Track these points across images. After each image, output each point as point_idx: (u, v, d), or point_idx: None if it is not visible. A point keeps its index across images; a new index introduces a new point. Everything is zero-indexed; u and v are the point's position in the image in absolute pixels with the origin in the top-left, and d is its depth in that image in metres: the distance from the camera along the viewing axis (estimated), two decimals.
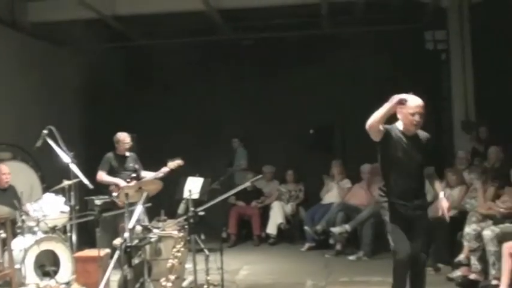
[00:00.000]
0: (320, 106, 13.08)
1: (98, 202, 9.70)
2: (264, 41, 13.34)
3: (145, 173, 9.19)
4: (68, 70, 13.30)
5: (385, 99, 5.64)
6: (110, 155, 9.23)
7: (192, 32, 12.89)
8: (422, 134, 6.04)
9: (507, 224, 7.20)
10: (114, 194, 8.03)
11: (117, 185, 8.78)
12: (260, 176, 8.96)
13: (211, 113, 13.28)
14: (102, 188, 9.08)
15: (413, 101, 5.84)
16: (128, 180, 8.01)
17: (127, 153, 9.33)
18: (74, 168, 8.12)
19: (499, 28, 11.36)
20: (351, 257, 9.88)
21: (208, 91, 13.30)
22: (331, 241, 10.48)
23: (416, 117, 5.84)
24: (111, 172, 9.08)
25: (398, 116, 5.95)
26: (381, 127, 5.82)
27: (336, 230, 10.15)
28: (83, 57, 13.65)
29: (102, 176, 9.04)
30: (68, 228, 8.37)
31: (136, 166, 9.10)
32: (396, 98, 5.58)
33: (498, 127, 10.60)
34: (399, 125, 6.01)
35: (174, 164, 9.05)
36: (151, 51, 13.36)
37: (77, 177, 8.17)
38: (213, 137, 13.17)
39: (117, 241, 6.85)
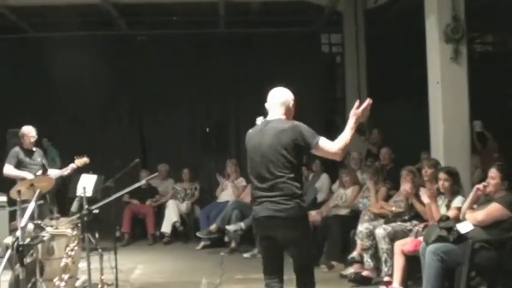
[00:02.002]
0: (215, 105, 13.14)
1: None
2: (159, 37, 13.23)
3: (52, 169, 8.99)
4: None
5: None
6: (16, 149, 8.94)
7: (87, 25, 12.66)
8: None
9: (398, 223, 7.40)
10: None
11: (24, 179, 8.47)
12: (155, 174, 8.86)
13: (106, 110, 13.09)
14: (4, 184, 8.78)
15: None
16: (38, 174, 7.80)
17: (33, 148, 9.05)
18: None
19: (393, 32, 11.71)
20: (246, 255, 9.93)
21: (102, 86, 13.05)
22: (226, 239, 10.52)
23: None
24: (19, 166, 8.79)
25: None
26: None
27: (231, 228, 10.17)
28: None
29: (10, 169, 8.72)
30: None
31: (44, 161, 8.88)
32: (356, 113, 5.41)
33: (389, 129, 10.92)
34: None
35: (81, 161, 8.93)
36: (44, 43, 13.04)
37: None
38: (108, 134, 12.98)
39: (8, 239, 6.64)
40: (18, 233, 5.70)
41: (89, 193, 8.33)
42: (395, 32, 11.58)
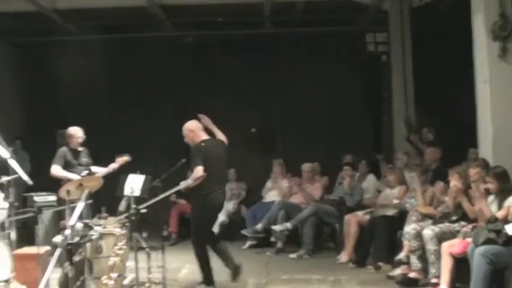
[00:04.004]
0: (262, 105, 13.12)
1: (37, 199, 9.59)
2: (205, 38, 13.27)
3: (96, 168, 9.09)
4: (7, 63, 13.08)
5: (325, 99, 5.69)
6: (63, 149, 9.06)
7: (134, 28, 12.78)
8: None
9: (446, 224, 7.32)
10: None
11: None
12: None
13: (154, 111, 13.18)
14: (44, 184, 8.91)
15: None
16: (83, 174, 7.89)
17: (80, 148, 9.18)
18: (13, 163, 7.95)
19: (440, 31, 11.57)
20: (292, 255, 9.94)
21: (150, 87, 13.17)
22: (272, 239, 10.52)
23: None
24: (66, 167, 8.90)
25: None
26: None
27: (277, 228, 10.18)
28: (23, 50, 13.46)
29: (58, 170, 8.84)
30: (7, 225, 8.20)
31: (89, 160, 9.00)
32: None
33: (439, 128, 10.79)
34: None
35: (122, 159, 9.02)
36: (92, 45, 13.21)
37: (15, 173, 8.00)
38: (155, 134, 13.06)
39: (58, 238, 6.74)
40: (68, 231, 5.80)
41: (137, 193, 8.41)
42: (441, 30, 11.42)
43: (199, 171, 7.54)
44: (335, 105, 12.82)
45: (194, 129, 8.00)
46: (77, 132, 9.15)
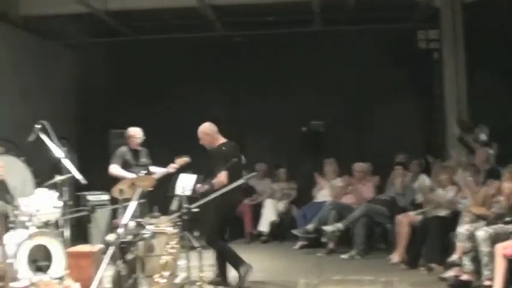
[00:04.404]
0: (313, 104, 13.06)
1: (90, 198, 9.72)
2: (254, 37, 13.28)
3: (154, 168, 9.17)
4: (60, 64, 13.28)
5: (375, 98, 5.64)
6: (123, 148, 9.17)
7: (184, 28, 12.86)
8: None
9: (500, 225, 7.19)
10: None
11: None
12: (254, 173, 8.94)
13: (203, 110, 13.22)
14: (97, 184, 9.02)
15: None
16: (140, 174, 7.99)
17: (139, 148, 9.28)
18: (67, 163, 8.08)
19: (492, 27, 11.38)
20: (344, 256, 9.89)
21: (199, 88, 13.24)
22: (323, 239, 10.48)
23: None
24: (125, 167, 9.00)
25: None
26: None
27: (328, 228, 10.15)
28: (75, 51, 13.66)
29: (116, 169, 8.95)
30: (61, 223, 8.34)
31: (148, 161, 9.09)
32: None
33: (491, 126, 10.62)
34: None
35: (181, 160, 9.11)
36: (143, 46, 13.33)
37: (69, 172, 8.13)
38: None
39: (111, 237, 6.83)
40: (121, 230, 5.88)
41: (188, 192, 8.46)
42: (494, 26, 11.22)
43: (223, 176, 7.66)
44: (386, 103, 12.70)
45: (211, 132, 8.10)
46: (136, 133, 9.24)
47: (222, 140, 8.09)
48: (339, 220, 10.17)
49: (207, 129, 8.11)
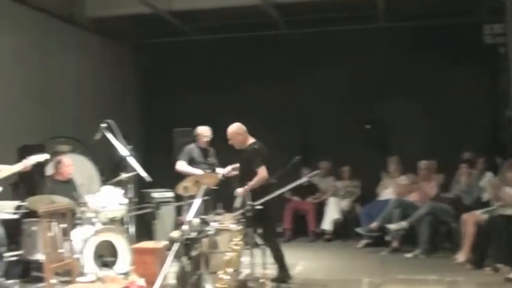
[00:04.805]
0: (376, 101, 12.94)
1: (155, 195, 9.83)
2: (315, 35, 13.20)
3: (220, 169, 9.23)
4: (125, 64, 13.49)
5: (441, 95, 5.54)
6: (191, 146, 9.25)
7: (246, 27, 12.89)
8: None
9: None
10: None
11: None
12: (317, 171, 8.91)
13: (268, 109, 13.25)
14: (162, 181, 9.12)
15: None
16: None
17: (208, 147, 9.35)
18: (132, 161, 8.20)
19: None
20: (408, 255, 9.76)
21: (262, 86, 13.26)
22: (387, 238, 10.38)
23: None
24: (191, 164, 9.06)
25: None
26: None
27: (392, 227, 10.05)
28: (140, 51, 13.85)
29: (183, 165, 9.02)
30: (126, 220, 8.48)
31: (215, 161, 9.15)
32: None
33: None
34: None
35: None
36: (206, 45, 13.43)
37: (134, 170, 8.25)
38: (269, 131, 13.12)
39: (175, 233, 6.90)
40: (185, 227, 5.93)
41: None
42: None
43: (264, 171, 7.72)
44: (451, 100, 12.50)
45: (242, 132, 8.13)
46: (204, 131, 9.30)
47: (252, 139, 8.13)
48: (403, 218, 10.04)
49: (239, 130, 8.14)
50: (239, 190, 7.74)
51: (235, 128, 8.11)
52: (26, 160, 7.68)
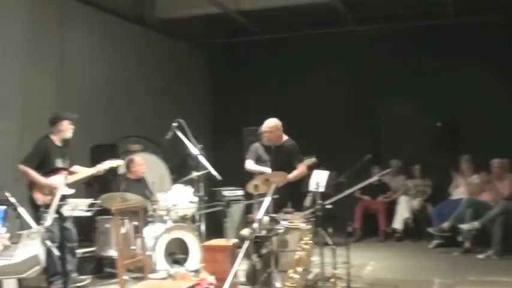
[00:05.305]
0: (447, 99, 12.72)
1: (225, 193, 9.89)
2: (386, 32, 13.05)
3: None
4: (194, 65, 13.63)
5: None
6: (256, 144, 9.25)
7: (315, 25, 12.85)
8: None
9: None
10: None
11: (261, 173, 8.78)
12: (387, 170, 8.83)
13: (337, 107, 13.20)
14: (232, 179, 9.17)
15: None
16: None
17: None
18: (203, 160, 8.27)
19: None
20: (480, 256, 9.57)
21: (332, 84, 13.21)
22: (459, 238, 10.20)
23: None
24: (258, 162, 9.05)
25: None
26: None
27: (464, 227, 9.88)
28: (208, 52, 13.96)
29: (251, 164, 9.07)
30: (197, 217, 8.57)
31: None
32: None
33: None
34: None
35: (308, 161, 9.15)
36: (273, 44, 13.44)
37: (205, 168, 8.32)
38: (338, 130, 13.07)
39: (245, 231, 6.93)
40: (255, 225, 5.95)
41: (322, 189, 8.46)
42: None
43: (305, 167, 7.93)
44: None
45: (280, 128, 8.14)
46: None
47: (285, 135, 8.15)
48: (476, 218, 9.86)
49: (278, 125, 8.15)
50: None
51: (276, 122, 8.14)
52: (100, 165, 7.86)
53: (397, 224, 11.45)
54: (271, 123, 8.12)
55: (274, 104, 12.68)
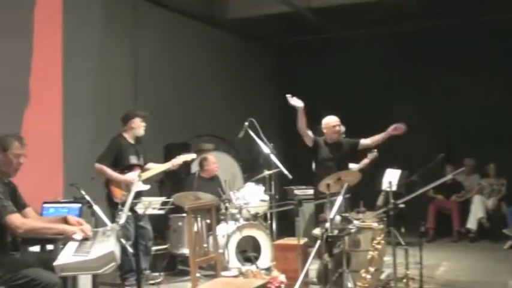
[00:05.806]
0: None
1: (297, 192, 9.90)
2: (457, 28, 12.79)
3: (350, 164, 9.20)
4: (265, 63, 13.68)
5: None
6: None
7: (386, 21, 12.73)
8: None
9: None
10: None
11: None
12: (461, 169, 8.68)
13: (407, 106, 13.05)
14: (303, 178, 9.17)
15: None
16: None
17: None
18: (274, 158, 8.30)
19: None
20: None
21: (406, 83, 13.07)
22: None
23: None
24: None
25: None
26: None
27: None
28: (278, 50, 13.99)
29: None
30: (268, 216, 8.61)
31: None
32: None
33: None
34: None
35: (372, 155, 9.33)
36: (344, 42, 13.38)
37: (276, 167, 8.34)
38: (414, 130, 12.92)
39: (317, 231, 6.93)
40: (327, 224, 5.94)
41: (394, 187, 8.39)
42: None
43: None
44: None
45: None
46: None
47: None
48: None
49: (339, 122, 8.19)
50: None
51: (337, 120, 8.20)
52: (174, 159, 7.96)
53: (471, 224, 11.25)
54: (335, 118, 8.24)
55: (345, 104, 12.71)
